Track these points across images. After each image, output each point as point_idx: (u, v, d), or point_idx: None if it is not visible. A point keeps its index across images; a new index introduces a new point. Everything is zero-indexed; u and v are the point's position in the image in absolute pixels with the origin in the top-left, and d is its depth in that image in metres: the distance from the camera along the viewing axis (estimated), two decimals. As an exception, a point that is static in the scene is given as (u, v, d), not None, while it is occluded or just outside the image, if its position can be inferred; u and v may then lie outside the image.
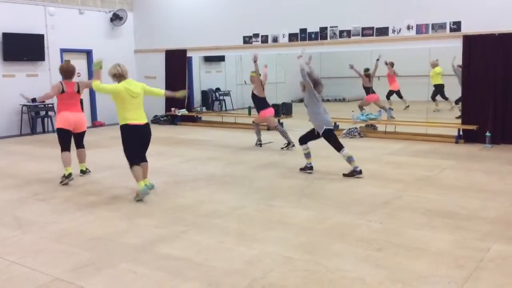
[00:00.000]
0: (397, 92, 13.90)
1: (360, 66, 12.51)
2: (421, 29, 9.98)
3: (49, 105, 12.24)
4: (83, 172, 7.32)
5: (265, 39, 12.11)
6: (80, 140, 7.26)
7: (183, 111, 13.80)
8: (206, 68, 15.58)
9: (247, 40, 12.38)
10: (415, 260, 3.94)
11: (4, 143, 10.99)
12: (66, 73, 7.07)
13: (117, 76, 6.04)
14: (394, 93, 13.87)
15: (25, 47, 11.97)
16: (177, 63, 13.74)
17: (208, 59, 15.28)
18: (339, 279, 3.61)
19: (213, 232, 4.71)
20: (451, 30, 9.66)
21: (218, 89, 16.01)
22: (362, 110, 12.51)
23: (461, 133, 9.63)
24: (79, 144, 7.26)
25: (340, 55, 13.53)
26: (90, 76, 13.25)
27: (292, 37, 11.67)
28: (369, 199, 5.73)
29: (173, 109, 13.82)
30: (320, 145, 9.64)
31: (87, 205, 5.79)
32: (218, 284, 3.58)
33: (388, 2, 10.41)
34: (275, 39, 11.97)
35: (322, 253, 4.12)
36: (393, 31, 10.31)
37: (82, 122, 7.15)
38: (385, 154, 8.61)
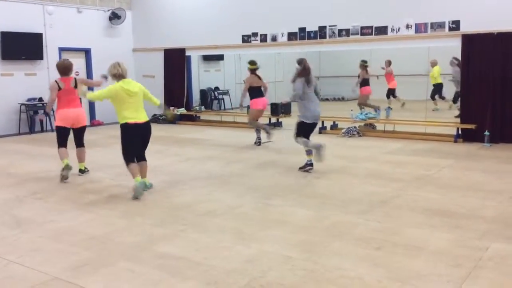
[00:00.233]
0: (389, 90, 13.88)
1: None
2: (420, 28, 9.98)
3: (46, 104, 12.23)
4: (82, 171, 7.30)
5: (264, 38, 12.09)
6: (80, 137, 7.23)
7: (182, 110, 13.76)
8: (205, 67, 15.56)
9: (246, 39, 12.37)
10: (414, 259, 3.94)
11: (2, 142, 10.98)
12: (63, 69, 7.08)
13: (117, 76, 6.04)
14: (392, 91, 13.86)
15: (23, 46, 11.94)
16: (176, 62, 13.72)
17: (207, 58, 15.25)
18: (338, 278, 3.61)
19: (212, 231, 4.71)
20: (450, 29, 9.65)
21: (217, 88, 16.00)
22: (362, 109, 12.51)
23: (459, 132, 9.64)
24: (79, 142, 7.24)
25: (339, 54, 13.55)
26: (90, 77, 13.28)
27: (291, 36, 11.65)
28: (368, 198, 5.73)
29: (172, 108, 13.77)
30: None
31: (86, 204, 5.78)
32: (216, 283, 3.57)
33: (387, 1, 10.40)
34: (274, 38, 11.96)
35: (320, 252, 4.12)
36: (392, 30, 10.31)
37: (81, 117, 7.14)
38: (384, 153, 8.61)
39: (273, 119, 12.27)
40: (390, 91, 13.85)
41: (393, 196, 5.79)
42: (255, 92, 9.54)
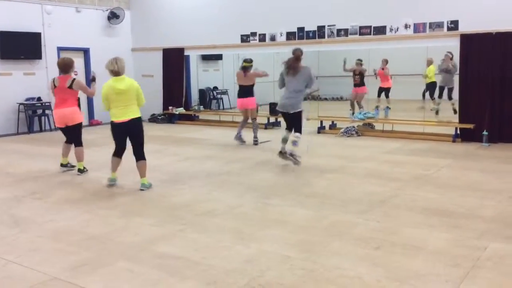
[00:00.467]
0: (386, 90, 13.84)
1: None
2: (418, 28, 9.99)
3: (46, 104, 12.22)
4: (81, 171, 7.30)
5: (262, 38, 12.10)
6: (72, 136, 7.30)
7: (181, 110, 13.79)
8: (203, 67, 15.55)
9: (245, 38, 12.37)
10: (413, 258, 3.95)
11: (1, 141, 10.96)
12: (63, 66, 7.20)
13: (113, 73, 6.07)
14: (384, 91, 13.80)
15: (22, 46, 11.93)
16: (175, 61, 13.72)
17: (206, 58, 15.25)
18: (337, 278, 3.61)
19: (211, 231, 4.71)
20: (449, 29, 9.67)
21: (215, 87, 16.00)
22: (360, 107, 12.53)
23: (458, 131, 9.65)
24: (72, 141, 7.33)
25: (337, 54, 13.54)
26: (88, 77, 13.27)
27: (290, 35, 11.66)
28: (367, 197, 5.74)
29: (170, 107, 13.81)
30: (318, 143, 9.67)
31: (84, 203, 5.78)
32: (215, 283, 3.58)
33: (385, 1, 10.41)
34: (272, 38, 11.96)
35: (319, 251, 4.13)
36: (391, 30, 10.32)
37: (68, 116, 7.10)
38: (383, 152, 8.62)
39: (272, 119, 12.25)
40: (386, 91, 13.79)
41: (392, 195, 5.80)
42: (239, 91, 9.74)
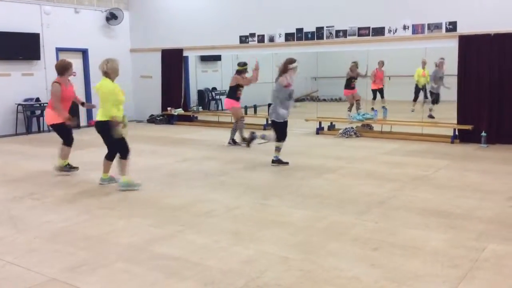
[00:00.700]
0: (380, 91, 13.86)
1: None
2: (417, 29, 10.00)
3: (44, 104, 12.20)
4: (61, 168, 7.35)
5: (261, 39, 12.10)
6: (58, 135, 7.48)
7: (180, 111, 13.79)
8: (202, 68, 15.55)
9: (244, 39, 12.37)
10: (411, 259, 3.95)
11: (-1, 142, 10.96)
12: (59, 68, 7.24)
13: (105, 74, 6.15)
14: (378, 92, 13.81)
15: (20, 46, 11.92)
16: (173, 62, 13.72)
17: (205, 59, 15.25)
18: (335, 279, 3.61)
19: (209, 232, 4.70)
20: (447, 30, 9.68)
21: (214, 88, 15.99)
22: (358, 109, 12.54)
23: (456, 133, 9.66)
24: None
25: (336, 55, 13.56)
26: (87, 78, 13.30)
27: (289, 36, 11.67)
28: (365, 198, 5.74)
29: (169, 108, 13.80)
30: (316, 144, 9.67)
31: (82, 204, 5.77)
32: (213, 284, 3.57)
33: (384, 2, 10.42)
34: (271, 39, 11.97)
35: (317, 252, 4.13)
36: (389, 31, 10.33)
37: (45, 116, 7.57)
38: (381, 153, 8.62)
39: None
40: (380, 92, 13.80)
41: (390, 196, 5.80)
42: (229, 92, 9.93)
